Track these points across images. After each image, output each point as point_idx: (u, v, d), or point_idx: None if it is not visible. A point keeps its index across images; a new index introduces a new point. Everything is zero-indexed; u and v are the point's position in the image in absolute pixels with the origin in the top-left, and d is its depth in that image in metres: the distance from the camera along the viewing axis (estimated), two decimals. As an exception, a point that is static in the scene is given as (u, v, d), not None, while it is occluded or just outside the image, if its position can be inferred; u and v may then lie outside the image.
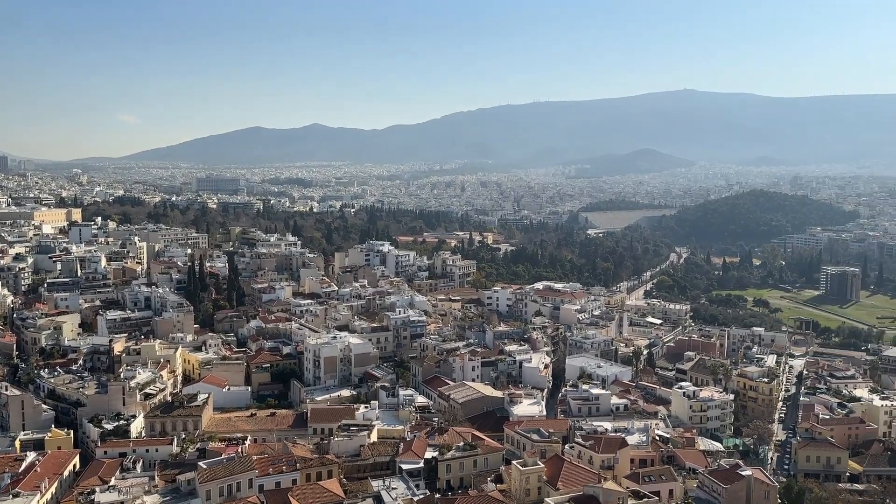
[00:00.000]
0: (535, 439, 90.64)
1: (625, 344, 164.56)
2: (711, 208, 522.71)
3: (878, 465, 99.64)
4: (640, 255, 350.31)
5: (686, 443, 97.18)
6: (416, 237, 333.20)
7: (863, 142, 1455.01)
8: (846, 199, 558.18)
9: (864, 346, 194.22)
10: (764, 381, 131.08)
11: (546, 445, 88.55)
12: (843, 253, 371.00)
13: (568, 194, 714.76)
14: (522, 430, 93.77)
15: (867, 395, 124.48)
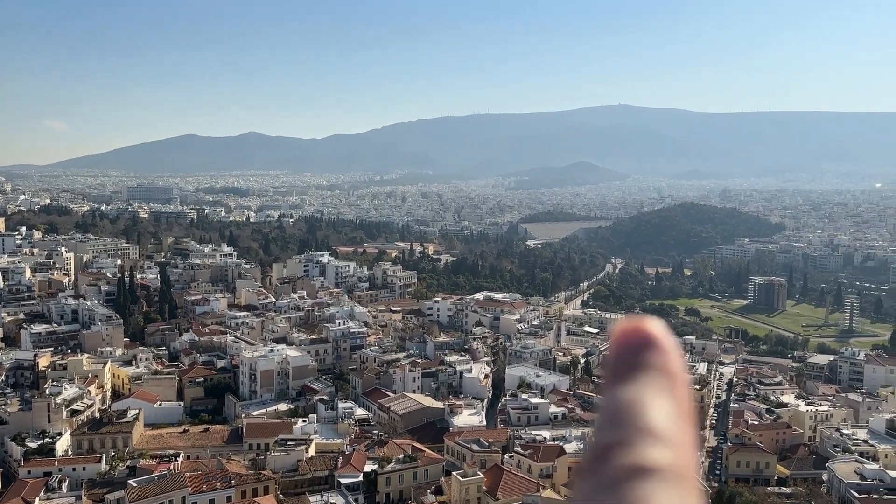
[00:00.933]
0: (475, 450, 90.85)
1: (563, 353, 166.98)
2: (645, 220, 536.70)
3: (803, 468, 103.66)
4: (578, 265, 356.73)
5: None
6: (356, 248, 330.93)
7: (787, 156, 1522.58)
8: (772, 212, 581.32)
9: (790, 354, 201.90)
10: (696, 389, 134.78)
11: (486, 455, 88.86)
12: (770, 263, 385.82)
13: (508, 205, 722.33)
14: (463, 441, 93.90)
15: (793, 400, 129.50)
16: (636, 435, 1.59)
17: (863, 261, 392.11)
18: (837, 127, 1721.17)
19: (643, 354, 1.79)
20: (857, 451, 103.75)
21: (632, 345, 1.81)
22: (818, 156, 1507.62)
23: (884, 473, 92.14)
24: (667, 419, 1.65)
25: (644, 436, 1.59)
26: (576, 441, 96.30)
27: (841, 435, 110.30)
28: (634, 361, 1.78)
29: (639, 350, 1.80)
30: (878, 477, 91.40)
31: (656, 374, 1.77)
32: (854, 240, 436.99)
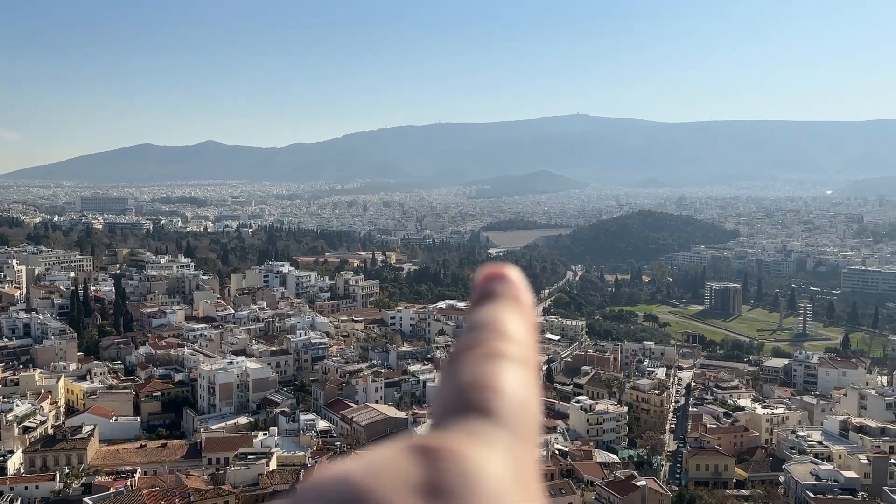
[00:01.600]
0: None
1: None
2: (604, 228, 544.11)
3: (760, 470, 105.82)
4: (539, 273, 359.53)
5: (584, 456, 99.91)
6: (317, 257, 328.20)
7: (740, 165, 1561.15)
8: (727, 219, 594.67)
9: (746, 358, 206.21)
10: (655, 393, 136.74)
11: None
12: (725, 269, 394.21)
13: (469, 214, 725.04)
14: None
15: (750, 403, 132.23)
16: (492, 334, 1.93)
17: (815, 266, 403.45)
18: (788, 135, 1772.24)
19: (500, 286, 2.18)
20: (813, 452, 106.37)
21: (491, 280, 2.21)
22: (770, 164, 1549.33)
23: (838, 474, 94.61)
24: (516, 327, 2.00)
25: (498, 335, 1.93)
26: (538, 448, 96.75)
27: (796, 437, 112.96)
28: (492, 291, 2.15)
29: (496, 283, 2.19)
30: (833, 477, 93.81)
31: (509, 300, 2.13)
32: (806, 245, 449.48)
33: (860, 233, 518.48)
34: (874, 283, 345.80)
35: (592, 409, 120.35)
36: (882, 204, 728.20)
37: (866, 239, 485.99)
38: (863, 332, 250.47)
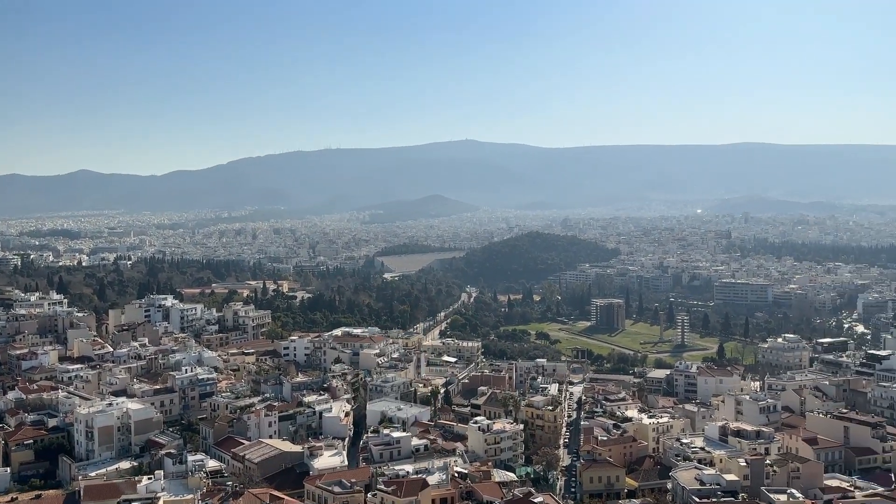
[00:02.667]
0: (336, 491, 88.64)
1: (423, 384, 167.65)
2: (495, 250, 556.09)
3: (650, 479, 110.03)
4: (435, 296, 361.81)
5: (483, 476, 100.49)
6: (203, 289, 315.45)
7: (618, 187, 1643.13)
8: (609, 238, 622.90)
9: (631, 370, 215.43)
10: (549, 410, 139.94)
11: (348, 497, 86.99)
12: (609, 286, 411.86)
13: (363, 239, 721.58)
14: (324, 484, 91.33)
15: (637, 414, 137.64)
16: None
17: (689, 280, 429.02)
18: (661, 159, 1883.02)
19: None
20: (696, 458, 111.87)
21: None
22: (646, 185, 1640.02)
23: (720, 478, 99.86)
24: None
25: None
26: (438, 472, 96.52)
27: (681, 444, 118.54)
28: None
29: None
30: (715, 481, 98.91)
31: None
32: (681, 261, 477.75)
33: (729, 248, 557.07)
34: (743, 295, 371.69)
35: (490, 429, 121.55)
36: (747, 220, 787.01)
37: (734, 254, 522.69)
38: (735, 341, 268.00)
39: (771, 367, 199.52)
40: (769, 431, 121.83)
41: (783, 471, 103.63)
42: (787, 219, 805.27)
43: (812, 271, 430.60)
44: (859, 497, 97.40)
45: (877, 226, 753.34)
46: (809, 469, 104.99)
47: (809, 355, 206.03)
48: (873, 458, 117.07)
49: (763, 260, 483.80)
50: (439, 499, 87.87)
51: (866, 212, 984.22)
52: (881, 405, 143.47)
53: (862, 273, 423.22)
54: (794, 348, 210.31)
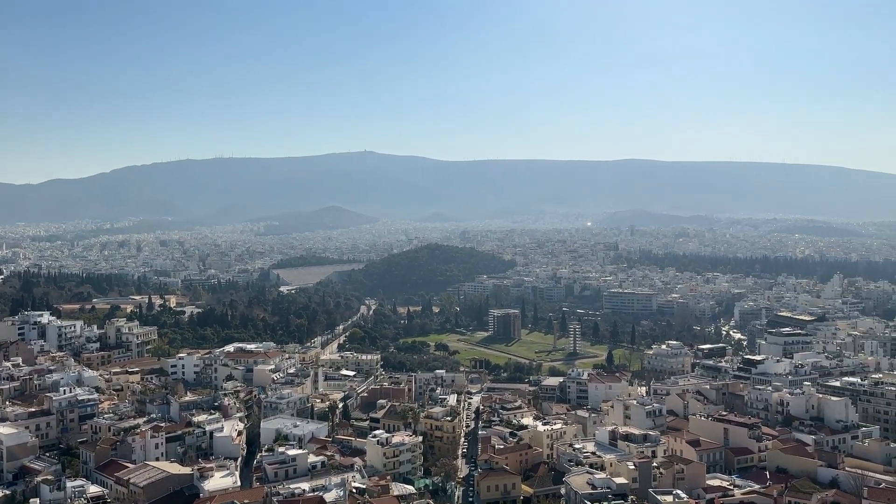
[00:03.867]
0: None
1: (321, 399, 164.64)
2: (395, 261, 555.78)
3: (545, 485, 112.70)
4: (333, 309, 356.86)
5: (381, 490, 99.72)
6: (83, 304, 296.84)
7: (514, 200, 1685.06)
8: (505, 250, 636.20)
9: (527, 378, 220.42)
10: (448, 420, 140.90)
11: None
12: (505, 297, 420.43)
13: (258, 252, 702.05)
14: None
15: (532, 422, 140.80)
16: None
17: (581, 290, 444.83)
18: (554, 173, 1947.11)
19: None
20: (588, 462, 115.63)
21: None
22: (540, 199, 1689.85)
23: (610, 481, 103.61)
24: None
25: None
26: (335, 489, 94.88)
27: (573, 450, 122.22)
28: None
29: None
30: (606, 485, 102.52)
31: None
32: (573, 272, 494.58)
33: (617, 259, 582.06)
34: (630, 304, 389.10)
35: (389, 442, 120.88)
36: (633, 233, 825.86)
37: (622, 265, 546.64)
38: (623, 348, 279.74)
39: (656, 372, 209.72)
40: (655, 435, 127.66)
41: (669, 472, 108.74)
42: (670, 231, 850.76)
43: (693, 281, 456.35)
44: (738, 495, 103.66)
45: (751, 238, 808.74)
46: (693, 470, 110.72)
47: (691, 361, 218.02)
48: (750, 457, 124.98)
49: (648, 270, 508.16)
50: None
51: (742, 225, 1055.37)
52: (757, 407, 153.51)
53: (738, 282, 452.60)
54: (676, 354, 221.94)
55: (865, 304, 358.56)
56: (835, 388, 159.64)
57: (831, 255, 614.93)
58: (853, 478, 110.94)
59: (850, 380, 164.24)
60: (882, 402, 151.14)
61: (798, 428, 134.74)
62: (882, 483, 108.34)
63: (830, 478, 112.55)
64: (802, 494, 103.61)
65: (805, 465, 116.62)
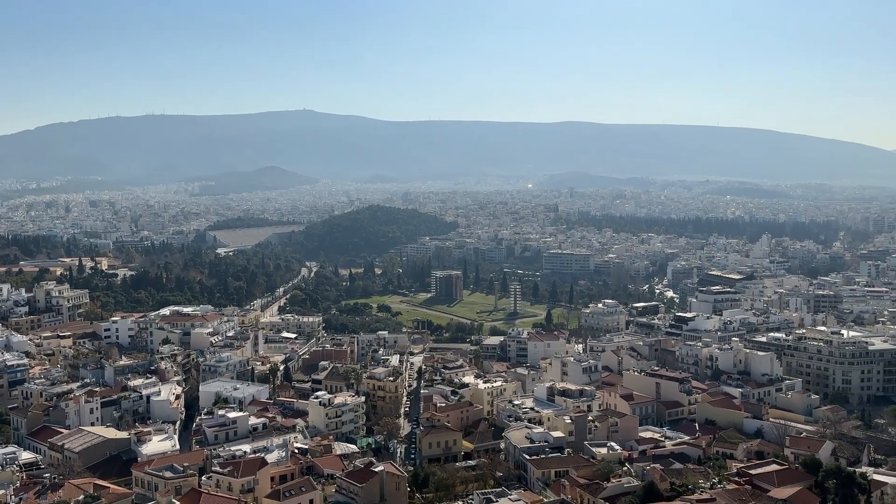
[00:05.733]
0: (168, 476, 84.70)
1: (261, 362, 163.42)
2: (336, 223, 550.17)
3: (485, 440, 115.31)
4: (273, 271, 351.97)
5: (323, 450, 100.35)
6: (9, 267, 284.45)
7: (457, 161, 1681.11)
8: (447, 212, 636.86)
9: (468, 338, 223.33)
10: (390, 380, 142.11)
11: (181, 481, 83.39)
12: (447, 258, 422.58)
13: (193, 213, 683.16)
14: (153, 470, 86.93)
15: (473, 380, 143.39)
16: None
17: (521, 252, 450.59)
18: (496, 135, 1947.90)
19: None
20: (527, 418, 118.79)
21: None
22: (482, 161, 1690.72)
23: (548, 435, 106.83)
24: None
25: None
26: (277, 450, 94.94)
27: (513, 406, 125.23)
28: None
29: None
30: (544, 439, 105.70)
31: None
32: (514, 234, 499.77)
33: (556, 221, 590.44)
34: (569, 265, 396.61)
35: (331, 403, 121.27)
36: (572, 195, 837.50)
37: (561, 226, 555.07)
38: (562, 307, 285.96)
39: (593, 330, 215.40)
40: (591, 390, 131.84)
41: (603, 425, 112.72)
42: (607, 193, 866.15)
43: (628, 242, 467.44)
44: (669, 446, 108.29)
45: (684, 199, 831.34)
46: (626, 423, 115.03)
47: (626, 319, 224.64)
48: (680, 410, 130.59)
49: (586, 232, 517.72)
50: (279, 476, 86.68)
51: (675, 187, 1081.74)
52: (687, 362, 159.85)
53: (671, 243, 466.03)
54: (612, 313, 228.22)
55: (791, 263, 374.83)
56: (761, 343, 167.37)
57: (760, 216, 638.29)
58: (776, 428, 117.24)
59: (776, 335, 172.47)
60: (805, 356, 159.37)
61: (726, 382, 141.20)
62: (803, 432, 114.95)
63: (756, 428, 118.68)
64: (729, 444, 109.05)
65: (732, 416, 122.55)
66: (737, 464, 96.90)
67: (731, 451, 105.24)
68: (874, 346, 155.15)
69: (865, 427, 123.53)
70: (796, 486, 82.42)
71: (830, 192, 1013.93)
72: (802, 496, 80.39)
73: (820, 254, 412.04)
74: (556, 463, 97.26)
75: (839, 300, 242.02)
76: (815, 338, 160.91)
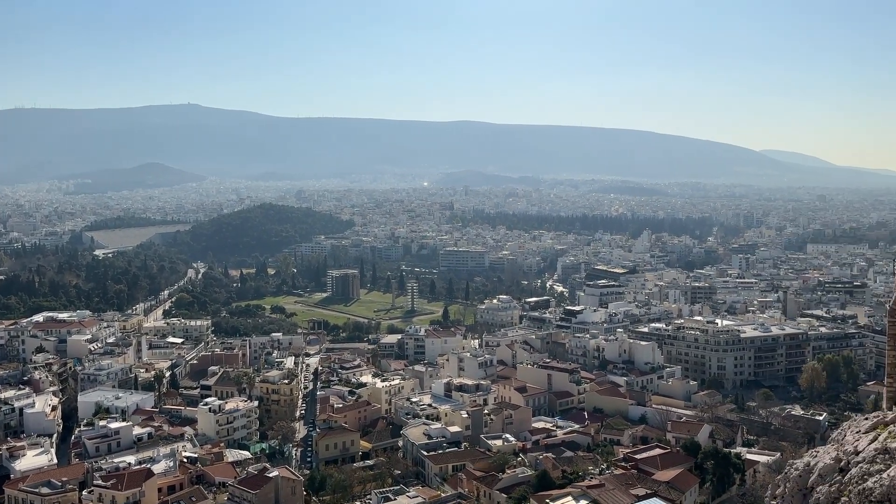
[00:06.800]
0: (45, 493, 79.41)
1: (145, 369, 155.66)
2: (225, 222, 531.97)
3: (383, 439, 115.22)
4: (157, 273, 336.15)
5: (214, 458, 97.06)
6: None
7: (352, 159, 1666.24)
8: (343, 210, 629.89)
9: (366, 337, 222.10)
10: (285, 383, 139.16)
11: (59, 497, 78.34)
12: (344, 257, 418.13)
13: (68, 212, 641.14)
14: (29, 487, 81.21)
15: (371, 379, 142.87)
16: None
17: (418, 249, 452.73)
18: (391, 133, 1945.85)
19: None
20: (424, 414, 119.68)
21: None
22: (378, 159, 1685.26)
23: (445, 430, 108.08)
24: None
25: None
26: (165, 459, 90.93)
27: (410, 403, 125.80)
28: None
29: None
30: (441, 434, 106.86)
31: None
32: (410, 232, 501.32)
33: (452, 219, 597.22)
34: (465, 262, 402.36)
35: (222, 409, 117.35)
36: (467, 193, 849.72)
37: (457, 224, 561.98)
38: (458, 303, 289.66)
39: (488, 325, 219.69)
40: (487, 384, 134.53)
41: (499, 418, 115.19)
42: (501, 191, 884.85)
43: (521, 238, 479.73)
44: (560, 435, 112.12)
45: (572, 197, 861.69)
46: (520, 414, 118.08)
47: (519, 313, 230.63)
48: (571, 399, 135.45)
49: (481, 229, 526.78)
50: (167, 487, 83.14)
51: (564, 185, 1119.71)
52: (577, 353, 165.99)
53: (561, 239, 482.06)
54: (506, 308, 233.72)
55: (670, 257, 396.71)
56: (643, 333, 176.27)
57: (641, 213, 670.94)
58: (659, 413, 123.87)
59: (657, 326, 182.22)
60: (683, 344, 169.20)
61: (612, 371, 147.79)
62: (683, 417, 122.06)
63: (640, 415, 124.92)
64: (616, 431, 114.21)
65: (618, 404, 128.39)
66: (623, 449, 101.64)
67: (618, 438, 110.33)
68: (745, 334, 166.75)
69: (739, 410, 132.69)
70: (678, 469, 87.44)
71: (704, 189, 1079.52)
72: (683, 477, 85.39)
73: (696, 248, 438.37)
74: (453, 457, 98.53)
75: (713, 291, 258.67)
76: (692, 327, 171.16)
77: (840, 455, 24.77)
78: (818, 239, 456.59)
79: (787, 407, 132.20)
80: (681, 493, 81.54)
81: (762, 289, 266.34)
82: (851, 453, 24.19)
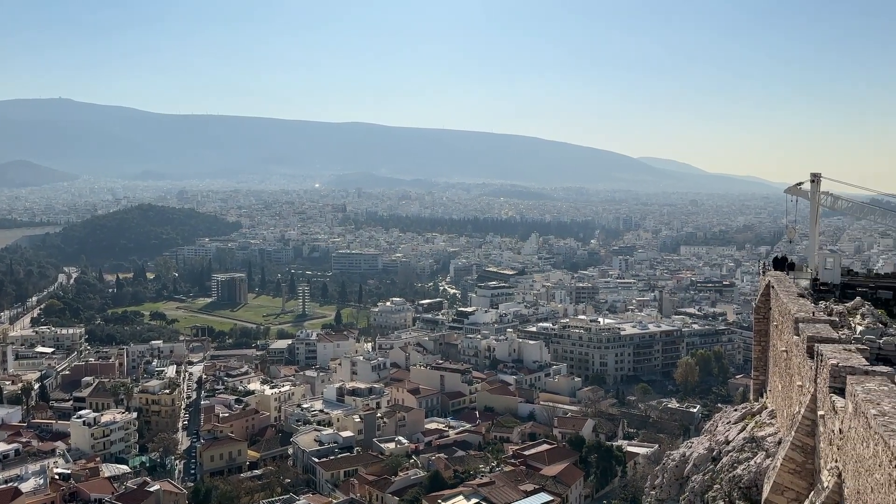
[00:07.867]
0: None
1: (11, 381, 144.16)
2: (100, 224, 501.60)
3: (271, 448, 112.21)
4: (24, 278, 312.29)
5: (90, 474, 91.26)
6: None
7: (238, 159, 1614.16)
8: (229, 212, 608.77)
9: (254, 343, 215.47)
10: (166, 393, 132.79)
11: None
12: (230, 260, 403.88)
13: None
14: None
15: (259, 386, 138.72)
16: None
17: (310, 252, 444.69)
18: (281, 133, 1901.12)
19: None
20: (316, 420, 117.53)
21: None
22: (266, 159, 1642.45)
23: (337, 436, 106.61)
24: None
25: None
26: (34, 477, 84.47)
27: (301, 409, 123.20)
28: None
29: None
30: (333, 440, 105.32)
31: None
32: (301, 234, 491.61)
33: (344, 221, 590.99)
34: (358, 264, 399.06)
35: (97, 421, 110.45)
36: (360, 195, 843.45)
37: (349, 226, 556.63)
38: (351, 306, 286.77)
39: (381, 328, 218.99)
40: (380, 387, 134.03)
41: (392, 421, 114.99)
42: (394, 194, 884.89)
43: (414, 241, 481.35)
44: (452, 435, 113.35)
45: (464, 201, 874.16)
46: (413, 416, 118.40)
47: (413, 315, 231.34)
48: (463, 399, 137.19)
49: (374, 231, 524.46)
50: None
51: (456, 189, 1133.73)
52: (468, 354, 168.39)
53: (453, 242, 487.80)
54: (400, 310, 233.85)
55: (556, 259, 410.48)
56: (531, 333, 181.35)
57: (530, 216, 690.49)
58: (546, 410, 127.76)
59: (544, 325, 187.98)
60: (568, 342, 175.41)
61: (502, 370, 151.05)
62: (568, 413, 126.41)
63: (529, 412, 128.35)
64: (506, 429, 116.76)
65: (508, 402, 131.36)
66: (513, 446, 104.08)
67: (508, 435, 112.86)
68: (625, 332, 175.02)
69: (620, 404, 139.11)
70: (564, 463, 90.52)
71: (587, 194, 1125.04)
72: (569, 471, 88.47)
73: (580, 250, 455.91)
74: (345, 463, 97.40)
75: (596, 291, 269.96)
76: (577, 326, 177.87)
77: (712, 445, 26.40)
78: (690, 241, 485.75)
79: (664, 400, 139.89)
80: (567, 486, 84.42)
81: (640, 288, 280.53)
82: (723, 443, 25.85)
